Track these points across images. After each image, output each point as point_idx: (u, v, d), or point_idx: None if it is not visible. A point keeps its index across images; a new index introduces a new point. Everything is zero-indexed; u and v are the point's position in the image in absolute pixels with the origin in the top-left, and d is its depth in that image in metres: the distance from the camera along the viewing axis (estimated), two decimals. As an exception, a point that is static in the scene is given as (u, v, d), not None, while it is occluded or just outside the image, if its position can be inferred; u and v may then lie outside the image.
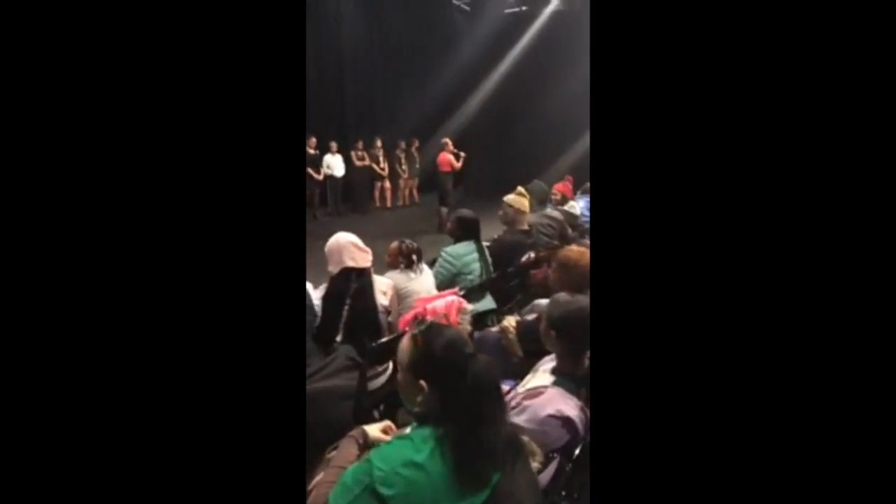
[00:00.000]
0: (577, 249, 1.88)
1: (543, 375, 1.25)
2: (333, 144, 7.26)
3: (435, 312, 2.05)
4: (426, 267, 2.31)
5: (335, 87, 8.03)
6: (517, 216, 2.83)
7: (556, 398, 1.15)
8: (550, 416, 1.11)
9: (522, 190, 3.00)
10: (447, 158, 6.49)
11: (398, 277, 2.09)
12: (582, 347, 1.23)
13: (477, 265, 2.52)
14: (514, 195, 2.93)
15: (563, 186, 3.73)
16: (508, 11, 9.34)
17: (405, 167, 8.15)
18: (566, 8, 8.71)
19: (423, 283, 2.20)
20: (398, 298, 2.02)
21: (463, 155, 6.69)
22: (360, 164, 7.57)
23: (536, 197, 3.25)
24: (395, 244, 2.16)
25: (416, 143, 8.35)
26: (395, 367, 1.98)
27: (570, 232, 3.24)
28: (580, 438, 1.12)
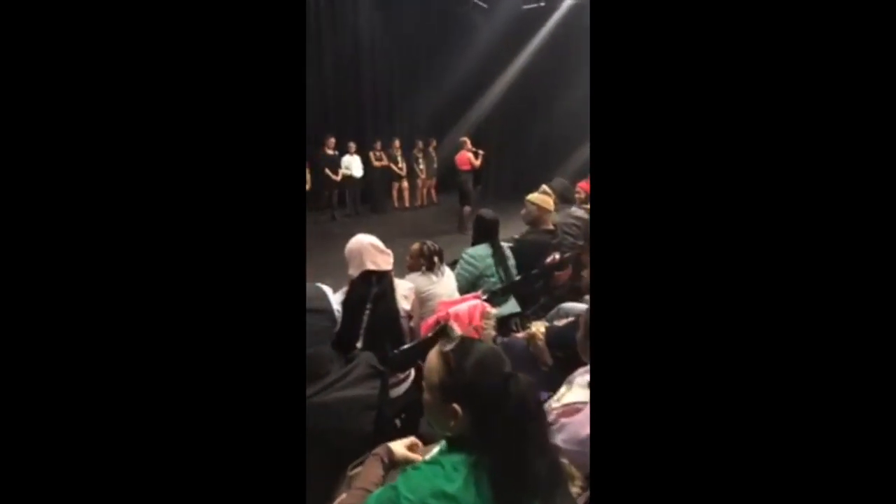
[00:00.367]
0: None
1: (580, 390, 1.15)
2: (352, 145, 7.25)
3: (458, 317, 1.97)
4: (448, 269, 2.23)
5: (353, 86, 8.02)
6: (541, 215, 2.73)
7: (595, 415, 1.05)
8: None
9: (547, 188, 2.90)
10: (466, 157, 6.36)
11: (420, 280, 2.01)
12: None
13: (497, 267, 2.43)
14: (538, 193, 2.83)
15: (587, 184, 3.59)
16: (527, 7, 9.19)
17: (423, 167, 8.10)
18: (585, 3, 8.51)
19: (445, 286, 2.12)
20: (419, 302, 1.95)
21: (482, 153, 6.53)
22: (378, 164, 7.54)
23: (561, 195, 3.14)
24: (416, 245, 2.08)
25: (433, 142, 8.28)
26: (417, 373, 1.91)
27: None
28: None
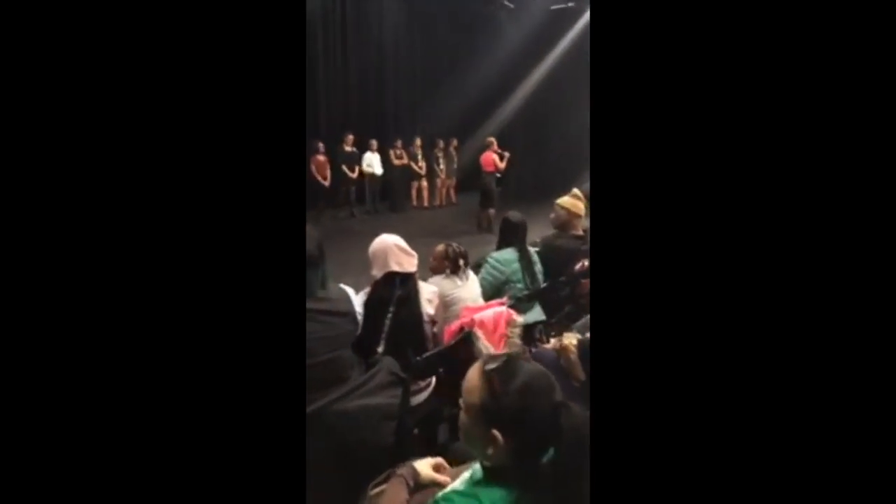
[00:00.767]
0: None
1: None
2: (373, 142, 7.21)
3: (483, 324, 1.88)
4: (472, 273, 2.13)
5: (375, 84, 8.00)
6: (571, 220, 2.61)
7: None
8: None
9: (578, 192, 2.76)
10: (491, 158, 6.22)
11: (444, 284, 1.92)
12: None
13: (524, 272, 2.33)
14: (568, 197, 2.70)
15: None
16: (555, 8, 9.03)
17: (443, 166, 8.02)
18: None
19: (469, 290, 2.03)
20: (443, 306, 1.86)
21: (507, 155, 6.39)
22: (398, 162, 7.49)
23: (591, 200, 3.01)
24: (441, 247, 2.00)
25: (454, 142, 8.20)
26: (438, 381, 1.83)
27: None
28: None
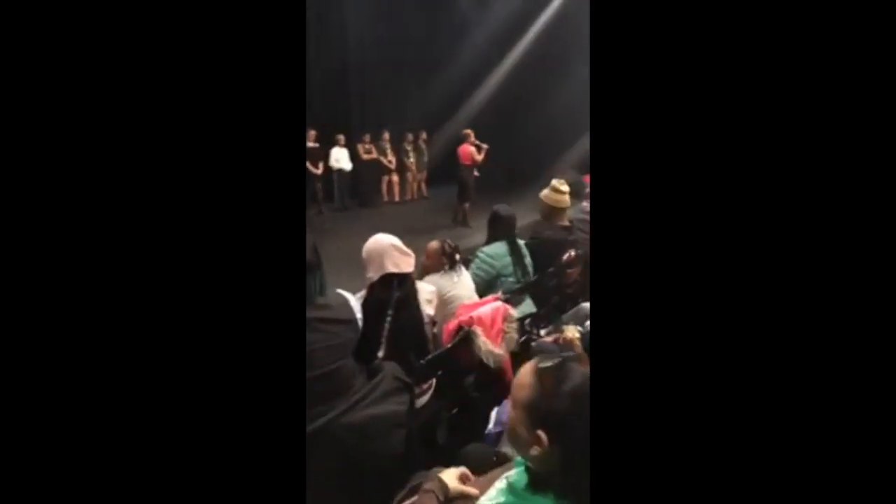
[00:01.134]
0: None
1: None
2: (341, 137, 7.01)
3: (481, 321, 1.84)
4: (464, 269, 2.09)
5: (340, 77, 7.78)
6: (556, 213, 2.60)
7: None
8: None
9: (557, 184, 2.73)
10: (469, 151, 6.09)
11: (441, 282, 1.87)
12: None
13: (515, 266, 2.30)
14: (549, 191, 2.67)
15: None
16: (517, -2, 9.05)
17: (413, 160, 7.91)
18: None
19: (465, 286, 1.98)
20: (441, 305, 1.80)
21: (485, 147, 6.25)
22: (367, 157, 7.32)
23: (573, 189, 3.01)
24: (435, 244, 1.94)
25: (423, 134, 8.09)
26: (438, 383, 1.78)
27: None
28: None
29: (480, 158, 6.19)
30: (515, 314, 1.95)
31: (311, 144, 6.75)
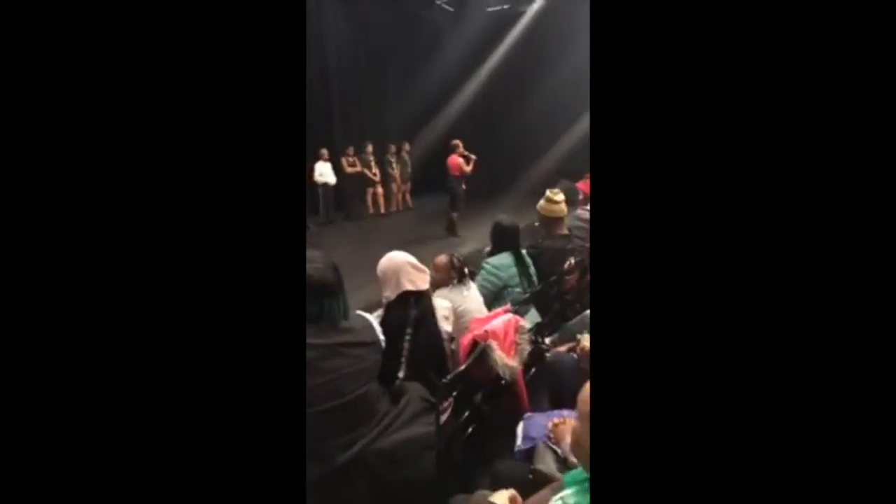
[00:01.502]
0: None
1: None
2: (324, 151, 6.95)
3: (495, 334, 1.83)
4: (472, 282, 2.08)
5: (321, 92, 7.72)
6: (554, 222, 2.63)
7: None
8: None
9: (552, 194, 2.75)
10: (457, 162, 6.05)
11: (451, 296, 1.85)
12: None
13: (521, 276, 2.31)
14: (544, 202, 2.68)
15: (584, 185, 3.54)
16: (491, 10, 9.19)
17: (397, 171, 7.88)
18: (550, 5, 8.61)
19: (475, 300, 1.97)
20: (456, 320, 1.79)
21: (474, 158, 6.20)
22: (351, 170, 7.27)
23: (568, 198, 3.04)
24: (444, 258, 1.92)
25: (406, 146, 8.08)
26: (455, 401, 1.75)
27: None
28: None
29: (469, 169, 6.17)
30: (527, 325, 1.95)
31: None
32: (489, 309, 2.10)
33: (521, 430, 1.42)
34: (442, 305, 1.67)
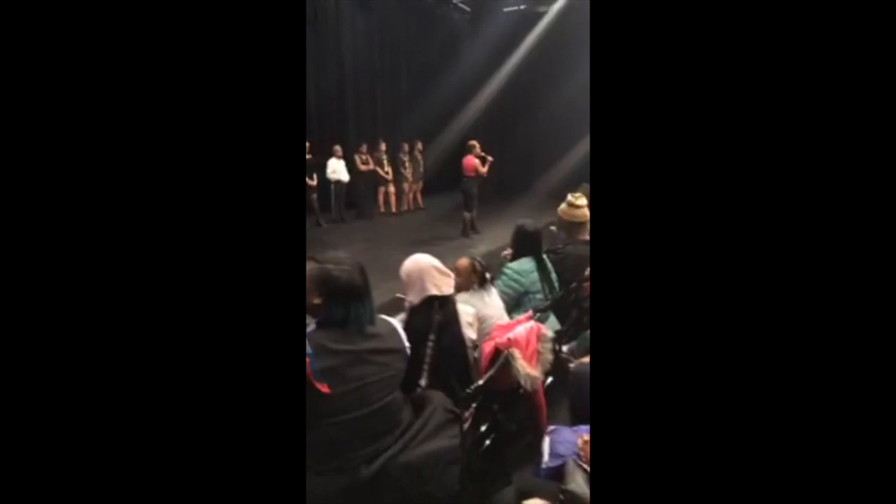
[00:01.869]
0: None
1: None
2: (338, 148, 6.91)
3: (517, 342, 1.78)
4: (493, 287, 2.03)
5: (336, 90, 7.71)
6: (576, 227, 2.56)
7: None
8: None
9: (574, 198, 2.67)
10: (473, 163, 5.98)
11: (473, 301, 1.80)
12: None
13: (542, 282, 2.25)
14: (566, 206, 2.62)
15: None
16: (507, 10, 9.13)
17: (409, 170, 7.84)
18: (567, 5, 8.53)
19: (496, 306, 1.92)
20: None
21: (490, 160, 6.12)
22: (364, 168, 7.23)
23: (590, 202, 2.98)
24: (466, 261, 1.87)
25: (419, 145, 8.04)
26: (475, 412, 1.70)
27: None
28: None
29: (485, 171, 6.08)
30: (550, 334, 1.90)
31: (306, 156, 6.65)
32: (509, 314, 2.05)
33: (547, 445, 1.36)
34: (466, 311, 1.61)
